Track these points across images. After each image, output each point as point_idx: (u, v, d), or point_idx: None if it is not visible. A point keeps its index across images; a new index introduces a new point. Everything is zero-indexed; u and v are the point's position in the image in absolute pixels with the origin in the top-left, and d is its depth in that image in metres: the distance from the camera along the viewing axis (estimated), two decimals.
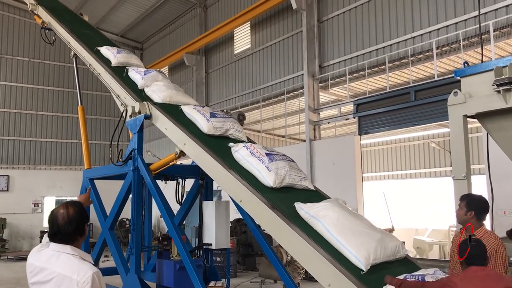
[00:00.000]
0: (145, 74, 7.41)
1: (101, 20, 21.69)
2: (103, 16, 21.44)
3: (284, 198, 4.57)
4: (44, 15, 10.28)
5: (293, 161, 5.20)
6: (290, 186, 4.89)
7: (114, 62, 8.10)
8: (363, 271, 3.60)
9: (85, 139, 9.26)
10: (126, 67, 7.95)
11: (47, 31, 10.56)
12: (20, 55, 21.38)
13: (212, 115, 6.14)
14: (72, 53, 9.34)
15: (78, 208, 2.73)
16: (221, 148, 5.53)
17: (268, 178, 4.71)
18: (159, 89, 7.01)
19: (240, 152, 5.19)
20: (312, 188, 5.16)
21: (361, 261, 3.61)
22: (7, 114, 20.91)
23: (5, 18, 21.14)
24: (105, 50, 8.46)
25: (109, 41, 10.30)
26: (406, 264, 4.07)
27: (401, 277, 3.54)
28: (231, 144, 5.51)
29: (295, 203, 4.35)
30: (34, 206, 20.21)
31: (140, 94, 7.10)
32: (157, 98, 6.90)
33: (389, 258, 3.84)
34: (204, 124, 5.98)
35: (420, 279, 3.49)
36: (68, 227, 2.64)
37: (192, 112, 6.28)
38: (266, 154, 4.95)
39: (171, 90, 7.00)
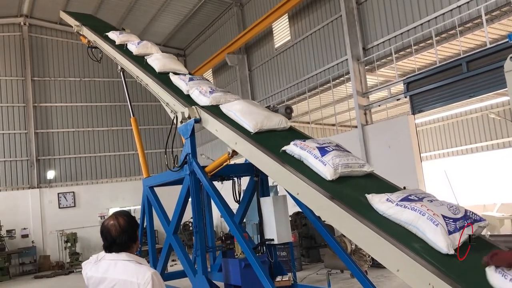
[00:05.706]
0: (138, 44, 9.32)
1: (143, 32, 22.23)
2: (144, 28, 21.99)
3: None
4: (89, 35, 10.66)
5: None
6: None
7: (117, 42, 9.79)
8: (252, 132, 5.72)
9: (141, 149, 9.54)
10: (126, 43, 9.63)
11: (93, 49, 10.95)
12: (71, 76, 22.33)
13: (190, 79, 7.72)
14: (119, 67, 9.63)
15: (128, 217, 2.83)
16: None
17: None
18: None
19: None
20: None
21: (251, 126, 5.78)
22: (66, 133, 21.89)
23: (53, 42, 22.15)
24: (111, 34, 10.13)
25: None
26: (292, 131, 6.24)
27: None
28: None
29: (221, 105, 6.59)
30: (101, 218, 21.04)
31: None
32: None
33: (274, 127, 5.94)
34: (184, 87, 7.48)
35: None
36: (123, 237, 2.75)
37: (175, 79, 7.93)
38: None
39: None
